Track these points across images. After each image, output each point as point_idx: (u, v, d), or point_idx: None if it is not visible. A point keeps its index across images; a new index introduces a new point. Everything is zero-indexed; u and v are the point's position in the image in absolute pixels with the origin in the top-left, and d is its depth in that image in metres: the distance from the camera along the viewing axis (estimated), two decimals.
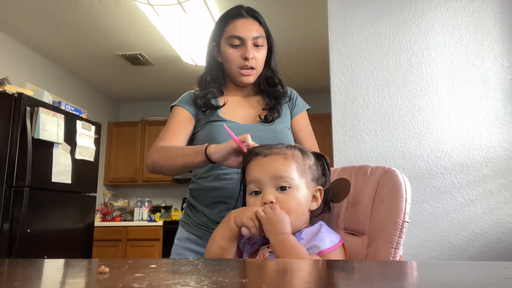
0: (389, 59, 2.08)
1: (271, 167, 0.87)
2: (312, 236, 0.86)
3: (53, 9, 3.21)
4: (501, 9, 2.02)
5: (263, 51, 1.26)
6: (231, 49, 1.23)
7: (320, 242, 0.83)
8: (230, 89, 1.32)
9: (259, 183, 0.88)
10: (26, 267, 0.62)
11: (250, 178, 0.90)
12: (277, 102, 1.27)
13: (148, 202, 5.04)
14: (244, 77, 1.24)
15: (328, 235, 0.86)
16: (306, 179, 0.90)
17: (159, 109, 5.48)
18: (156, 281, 0.46)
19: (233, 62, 1.23)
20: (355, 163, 1.98)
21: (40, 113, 2.83)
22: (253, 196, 0.89)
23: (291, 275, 0.54)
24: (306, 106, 1.36)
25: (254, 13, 1.27)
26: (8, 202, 2.65)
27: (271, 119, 1.23)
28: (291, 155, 0.90)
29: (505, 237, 1.86)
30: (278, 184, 0.87)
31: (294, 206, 0.86)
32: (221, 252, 0.87)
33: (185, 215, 1.27)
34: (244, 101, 1.30)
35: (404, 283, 0.50)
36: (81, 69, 4.50)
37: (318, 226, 0.89)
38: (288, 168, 0.87)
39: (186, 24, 3.21)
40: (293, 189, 0.87)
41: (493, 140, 1.94)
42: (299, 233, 0.87)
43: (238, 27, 1.23)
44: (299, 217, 0.88)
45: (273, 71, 1.31)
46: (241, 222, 0.84)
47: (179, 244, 1.23)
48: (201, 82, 1.30)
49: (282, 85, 1.32)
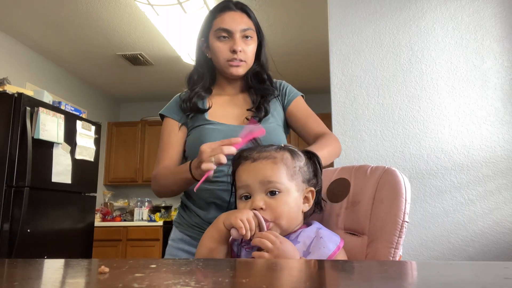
0: (389, 59, 2.08)
1: (260, 172, 0.87)
2: (309, 240, 0.85)
3: (53, 9, 3.21)
4: (501, 9, 2.02)
5: (253, 43, 1.22)
6: (219, 42, 1.20)
7: (325, 249, 0.83)
8: (220, 85, 1.28)
9: (248, 188, 0.87)
10: (26, 267, 0.62)
11: (240, 184, 0.89)
12: (264, 100, 1.22)
13: (148, 202, 5.04)
14: (233, 68, 1.20)
15: (329, 238, 0.85)
16: (296, 182, 0.89)
17: (159, 109, 5.35)
18: (156, 281, 0.46)
19: (221, 55, 1.20)
20: (355, 163, 1.98)
21: (40, 113, 2.83)
22: (243, 201, 0.89)
23: (291, 275, 0.54)
24: (299, 93, 1.30)
25: (242, 6, 1.24)
26: (8, 202, 2.65)
27: (258, 119, 1.19)
28: (280, 159, 0.88)
29: (505, 237, 1.86)
30: (267, 189, 0.86)
31: (284, 211, 0.85)
32: (209, 253, 0.86)
33: (179, 215, 1.25)
34: (231, 101, 1.27)
35: (404, 283, 0.50)
36: (81, 69, 4.50)
37: (315, 229, 0.88)
38: (277, 172, 0.86)
39: (186, 24, 3.21)
40: (283, 193, 0.86)
41: (493, 140, 1.94)
42: (296, 237, 0.87)
43: (226, 19, 1.20)
44: (290, 221, 0.87)
45: (262, 66, 1.27)
46: (230, 224, 0.83)
47: (172, 245, 1.22)
48: (189, 81, 1.28)
49: (271, 80, 1.28)
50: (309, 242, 0.85)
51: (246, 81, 1.28)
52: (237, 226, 0.81)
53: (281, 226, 0.85)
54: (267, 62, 1.29)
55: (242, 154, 0.92)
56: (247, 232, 0.81)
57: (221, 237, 0.86)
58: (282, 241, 0.80)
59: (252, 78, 1.27)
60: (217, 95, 1.27)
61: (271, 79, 1.29)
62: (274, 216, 0.85)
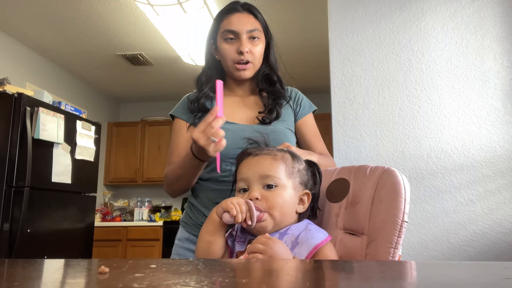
0: (389, 59, 2.08)
1: (259, 166, 0.91)
2: (298, 231, 0.87)
3: (53, 9, 3.21)
4: (501, 9, 2.02)
5: (260, 44, 1.22)
6: (226, 44, 1.21)
7: (313, 239, 0.85)
8: (229, 86, 1.29)
9: (247, 181, 0.91)
10: (26, 267, 0.62)
11: (240, 176, 0.93)
12: (276, 103, 1.23)
13: (148, 202, 5.04)
14: (240, 72, 1.21)
15: (317, 230, 0.88)
16: (293, 181, 0.92)
17: (159, 109, 5.47)
18: (156, 281, 0.46)
19: (229, 57, 1.21)
20: (355, 163, 1.98)
21: (40, 113, 2.83)
22: (241, 193, 0.92)
23: (291, 275, 0.54)
24: (313, 107, 1.33)
25: (249, 7, 1.25)
26: (8, 202, 2.65)
27: (269, 121, 1.20)
28: (281, 157, 0.92)
29: (505, 237, 1.86)
30: (265, 182, 0.89)
31: (278, 203, 0.88)
32: (208, 246, 0.88)
33: (186, 215, 1.26)
34: (241, 102, 1.27)
35: (404, 283, 0.50)
36: (81, 69, 4.50)
37: (305, 224, 0.91)
38: (276, 168, 0.90)
39: (186, 24, 3.21)
40: (279, 187, 0.89)
41: (493, 140, 1.94)
42: (285, 230, 0.89)
43: (232, 21, 1.21)
44: (283, 214, 0.89)
45: (271, 67, 1.27)
46: (221, 210, 0.86)
47: (179, 245, 1.23)
48: (198, 82, 1.29)
49: (282, 83, 1.28)
50: (297, 233, 0.87)
51: (256, 83, 1.28)
52: (227, 208, 0.84)
53: (274, 217, 0.87)
54: (276, 63, 1.29)
55: (246, 151, 0.96)
56: (238, 214, 0.83)
57: (216, 228, 0.88)
58: (274, 241, 0.81)
59: (262, 80, 1.27)
60: (226, 96, 1.26)
61: (281, 81, 1.29)
62: (268, 206, 0.87)
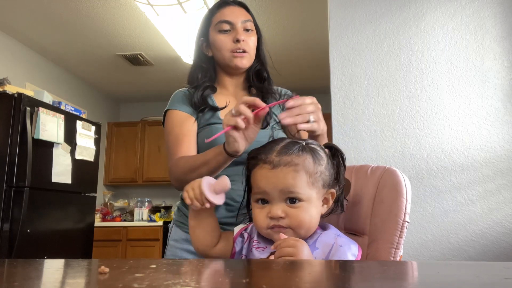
0: (389, 59, 2.08)
1: (280, 181, 0.82)
2: (328, 248, 0.82)
3: (53, 9, 3.21)
4: (501, 9, 2.02)
5: (253, 36, 1.22)
6: (221, 35, 1.20)
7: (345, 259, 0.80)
8: (222, 83, 1.27)
9: (266, 195, 0.83)
10: (26, 267, 0.62)
11: (257, 189, 0.85)
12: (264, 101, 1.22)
13: (148, 202, 5.04)
14: (237, 59, 1.19)
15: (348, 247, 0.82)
16: (317, 189, 0.84)
17: (159, 109, 5.43)
18: (156, 281, 0.46)
19: (225, 46, 1.19)
20: (355, 163, 1.98)
21: (40, 113, 2.83)
22: (259, 205, 0.85)
23: (291, 275, 0.54)
24: None
25: (240, 2, 1.25)
26: (8, 202, 2.65)
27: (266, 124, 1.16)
28: (302, 166, 0.82)
29: (505, 237, 1.86)
30: (287, 196, 0.82)
31: (305, 220, 0.82)
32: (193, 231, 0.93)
33: (181, 215, 1.22)
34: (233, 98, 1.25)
35: (404, 283, 0.50)
36: (81, 69, 4.50)
37: (333, 236, 0.84)
38: (298, 182, 0.82)
39: (186, 24, 3.21)
40: (303, 202, 0.82)
41: (493, 140, 1.94)
42: (313, 242, 0.83)
43: (226, 13, 1.21)
44: (310, 230, 0.84)
45: (262, 63, 1.28)
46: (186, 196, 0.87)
47: (175, 246, 1.19)
48: (193, 79, 1.24)
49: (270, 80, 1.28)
50: (328, 250, 0.82)
51: (248, 79, 1.28)
52: (184, 198, 0.86)
53: (300, 234, 0.83)
54: (265, 58, 1.30)
55: (259, 156, 0.85)
56: (193, 201, 0.85)
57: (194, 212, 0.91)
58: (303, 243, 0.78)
59: (254, 76, 1.27)
60: (222, 94, 1.25)
61: (270, 79, 1.29)
62: (294, 225, 0.82)
